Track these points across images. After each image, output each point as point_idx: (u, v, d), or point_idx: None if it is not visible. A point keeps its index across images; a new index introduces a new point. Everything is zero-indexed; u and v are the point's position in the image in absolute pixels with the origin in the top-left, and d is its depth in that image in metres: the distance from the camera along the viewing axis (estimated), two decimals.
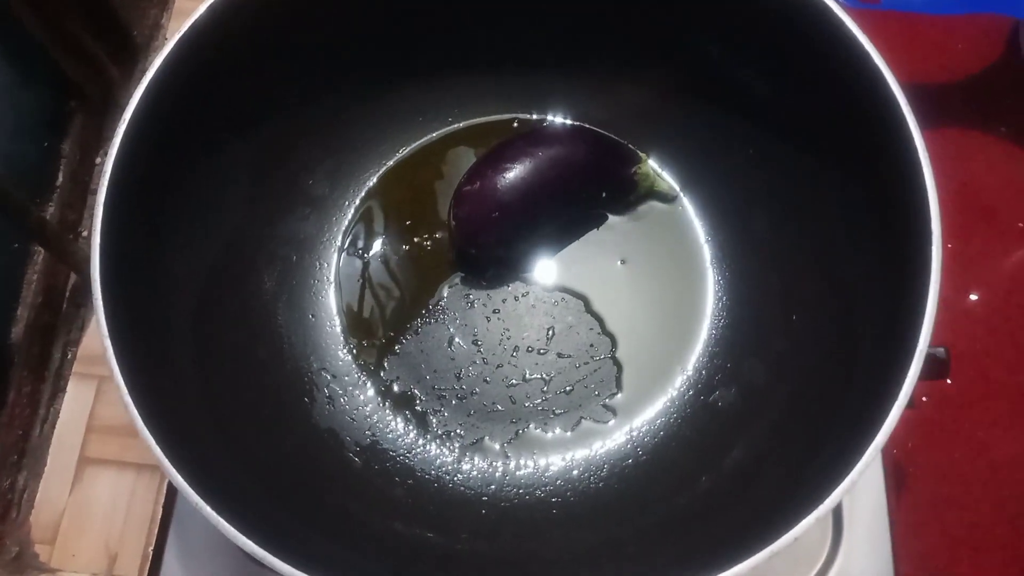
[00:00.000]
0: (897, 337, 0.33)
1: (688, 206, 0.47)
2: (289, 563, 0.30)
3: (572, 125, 0.49)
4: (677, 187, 0.47)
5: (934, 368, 0.38)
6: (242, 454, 0.38)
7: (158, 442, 0.32)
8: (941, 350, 0.39)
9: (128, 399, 0.32)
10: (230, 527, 0.30)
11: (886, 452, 0.45)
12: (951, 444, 0.59)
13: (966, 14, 0.71)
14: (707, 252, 0.46)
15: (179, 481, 0.31)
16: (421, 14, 0.44)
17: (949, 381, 0.59)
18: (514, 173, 0.43)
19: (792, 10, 0.38)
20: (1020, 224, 0.65)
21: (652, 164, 0.47)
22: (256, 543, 0.30)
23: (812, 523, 0.30)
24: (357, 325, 0.45)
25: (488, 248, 0.45)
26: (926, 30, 0.70)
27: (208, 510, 0.31)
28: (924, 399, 0.60)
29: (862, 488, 0.46)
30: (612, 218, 0.47)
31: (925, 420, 0.59)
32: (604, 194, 0.46)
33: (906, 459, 0.58)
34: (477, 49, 0.47)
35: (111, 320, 0.33)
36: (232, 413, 0.39)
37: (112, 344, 0.33)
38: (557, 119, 0.49)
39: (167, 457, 0.31)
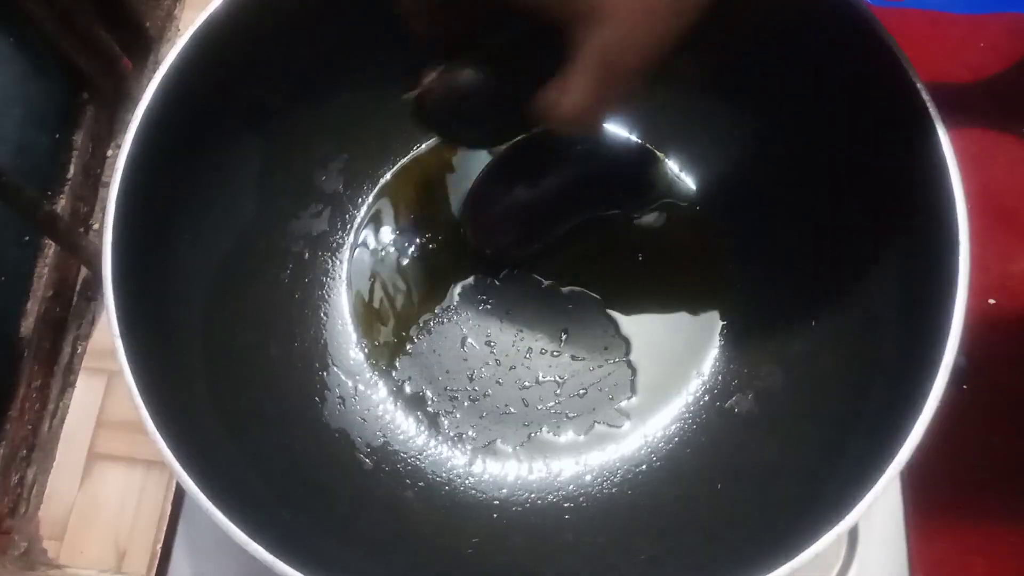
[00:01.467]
0: (921, 348, 0.32)
1: (707, 207, 0.46)
2: (296, 568, 0.30)
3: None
4: (695, 187, 0.47)
5: (952, 375, 0.38)
6: (251, 453, 0.38)
7: (168, 443, 0.31)
8: (960, 357, 0.39)
9: (138, 398, 0.32)
10: (239, 531, 0.30)
11: None
12: (967, 450, 0.58)
13: (989, 13, 0.70)
14: (726, 255, 0.45)
15: (188, 483, 0.31)
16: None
17: (966, 387, 0.58)
18: (531, 173, 0.42)
19: (815, 8, 0.37)
20: None
21: (670, 164, 0.47)
22: (265, 547, 0.30)
23: (832, 539, 0.29)
24: (369, 324, 0.45)
25: (504, 249, 0.44)
26: (948, 28, 0.69)
27: (219, 515, 0.30)
28: (939, 405, 0.59)
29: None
30: (629, 219, 0.47)
31: (941, 426, 0.58)
32: (622, 195, 0.46)
33: (921, 465, 0.58)
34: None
35: (122, 316, 0.33)
36: (242, 411, 0.39)
37: (123, 341, 0.33)
38: None
39: (176, 458, 0.31)
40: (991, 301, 0.62)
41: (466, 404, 0.43)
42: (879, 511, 0.45)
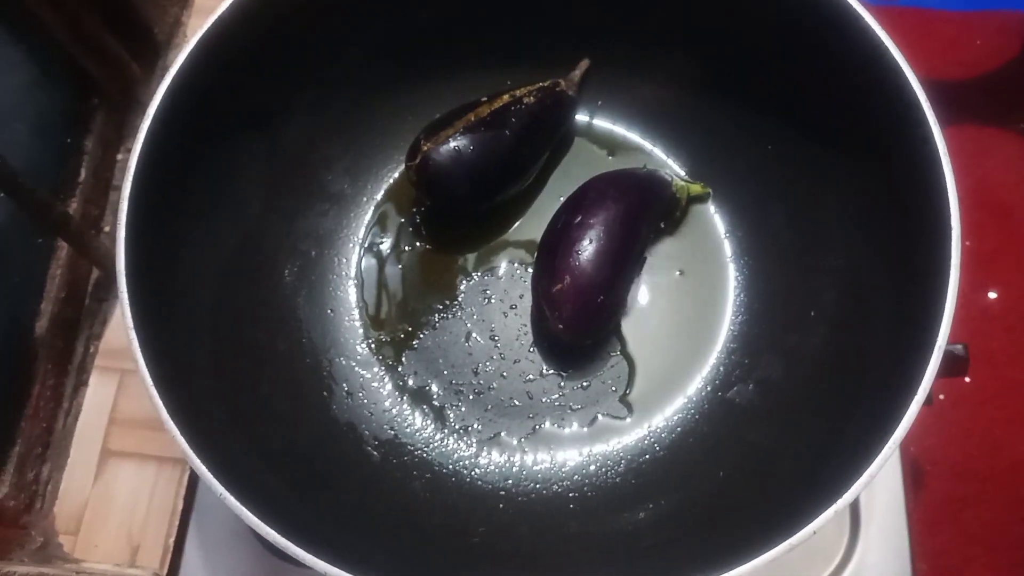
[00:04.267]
0: (915, 333, 0.33)
1: (708, 203, 0.47)
2: (310, 552, 0.31)
3: (604, 178, 0.45)
4: (699, 183, 0.47)
5: (952, 365, 0.38)
6: (261, 447, 0.38)
7: (183, 434, 0.32)
8: (959, 347, 0.39)
9: (153, 392, 0.33)
10: (253, 516, 0.31)
11: (903, 449, 0.45)
12: (968, 442, 0.59)
13: (983, 10, 0.71)
14: (727, 248, 0.46)
15: (204, 472, 0.32)
16: (440, 10, 0.45)
17: (967, 379, 0.59)
18: (590, 250, 0.41)
19: (811, 6, 0.38)
20: None
21: (677, 173, 0.48)
22: (278, 531, 0.31)
23: (830, 517, 0.30)
24: (375, 320, 0.46)
25: (601, 333, 0.44)
26: (943, 26, 0.70)
27: (232, 500, 0.31)
28: (941, 396, 0.60)
29: (879, 485, 0.46)
30: None
31: (942, 417, 0.59)
32: (662, 224, 0.46)
33: (923, 456, 0.58)
34: (494, 45, 0.47)
35: (135, 312, 0.34)
36: (252, 406, 0.40)
37: (137, 337, 0.33)
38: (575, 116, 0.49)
39: (192, 449, 0.32)
40: (991, 295, 0.63)
41: (471, 397, 0.44)
42: (880, 501, 0.46)
